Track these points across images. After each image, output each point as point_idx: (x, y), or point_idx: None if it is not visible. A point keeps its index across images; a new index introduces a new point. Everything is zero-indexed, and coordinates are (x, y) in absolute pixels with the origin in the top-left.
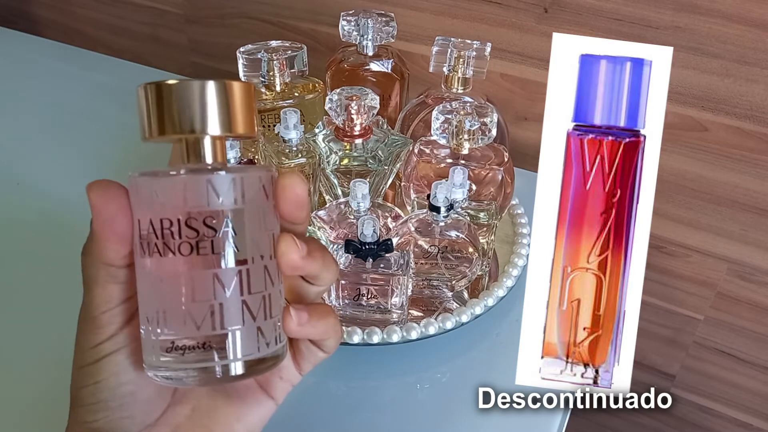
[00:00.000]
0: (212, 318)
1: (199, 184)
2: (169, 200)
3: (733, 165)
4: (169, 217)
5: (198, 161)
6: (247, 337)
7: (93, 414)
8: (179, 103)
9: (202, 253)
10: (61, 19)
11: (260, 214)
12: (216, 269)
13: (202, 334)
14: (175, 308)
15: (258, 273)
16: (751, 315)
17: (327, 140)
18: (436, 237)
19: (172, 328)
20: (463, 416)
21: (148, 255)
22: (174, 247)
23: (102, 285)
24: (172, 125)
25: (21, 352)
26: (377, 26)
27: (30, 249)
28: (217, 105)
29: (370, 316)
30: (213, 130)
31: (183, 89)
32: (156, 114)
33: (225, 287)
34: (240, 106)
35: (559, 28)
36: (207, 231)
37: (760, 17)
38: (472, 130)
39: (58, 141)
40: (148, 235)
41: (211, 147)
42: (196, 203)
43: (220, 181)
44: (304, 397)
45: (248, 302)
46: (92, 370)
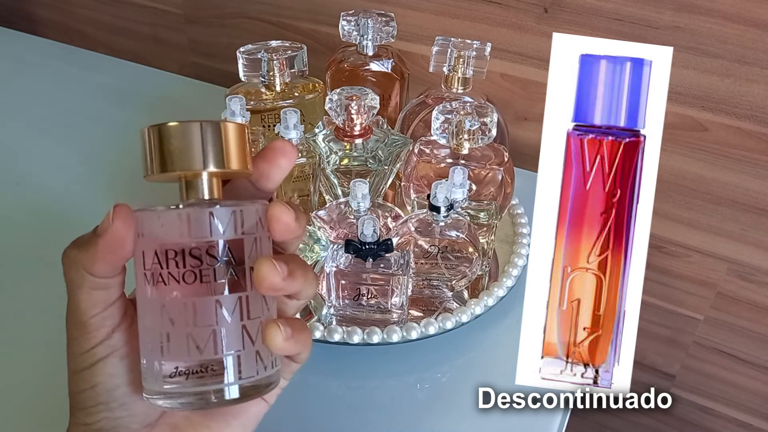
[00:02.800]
0: (214, 342)
1: (202, 216)
2: (173, 232)
3: (733, 165)
4: (173, 248)
5: (196, 196)
6: (247, 360)
7: (94, 416)
8: (179, 144)
9: (205, 281)
10: (61, 19)
11: (257, 243)
12: (218, 296)
13: (204, 359)
14: (178, 333)
15: (256, 299)
16: (751, 315)
17: (327, 140)
18: (436, 237)
19: (176, 353)
20: (463, 416)
21: (152, 284)
22: (178, 276)
23: (87, 291)
24: (173, 163)
25: (21, 352)
26: (377, 26)
27: (30, 249)
28: (212, 144)
29: (370, 316)
30: (210, 167)
31: (183, 131)
32: (158, 154)
33: (226, 313)
34: (234, 145)
35: (559, 28)
36: (209, 260)
37: (760, 17)
38: (472, 130)
39: (58, 141)
40: (153, 266)
41: (208, 183)
42: (199, 234)
43: (222, 214)
44: (304, 397)
45: (247, 327)
46: (87, 375)
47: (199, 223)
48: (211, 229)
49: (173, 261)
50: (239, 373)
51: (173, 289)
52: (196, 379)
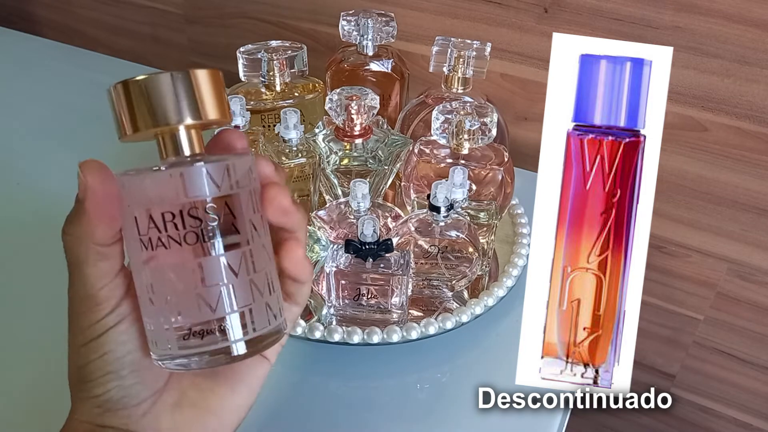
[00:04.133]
0: (226, 299)
1: (197, 174)
2: (168, 193)
3: (733, 165)
4: (170, 210)
5: (177, 153)
6: (258, 313)
7: (103, 386)
8: (150, 98)
9: (208, 239)
10: (61, 19)
11: (252, 196)
12: (223, 253)
13: (217, 316)
14: (187, 295)
15: (259, 252)
16: (751, 315)
17: (327, 140)
18: (436, 237)
19: (187, 315)
20: (463, 416)
21: (151, 249)
22: (179, 238)
23: (92, 264)
24: (145, 121)
25: (21, 352)
26: (377, 26)
27: (30, 249)
28: (185, 95)
29: (370, 316)
30: (187, 120)
31: (151, 84)
32: (128, 112)
33: (233, 269)
34: (210, 93)
35: (559, 28)
36: (209, 218)
37: (760, 17)
38: (472, 130)
39: (58, 141)
40: (149, 231)
41: (187, 137)
42: (196, 192)
43: (216, 170)
44: (304, 397)
45: (255, 280)
46: (96, 345)
47: (194, 181)
48: (206, 186)
49: (171, 224)
50: (253, 325)
51: (175, 251)
52: (210, 337)
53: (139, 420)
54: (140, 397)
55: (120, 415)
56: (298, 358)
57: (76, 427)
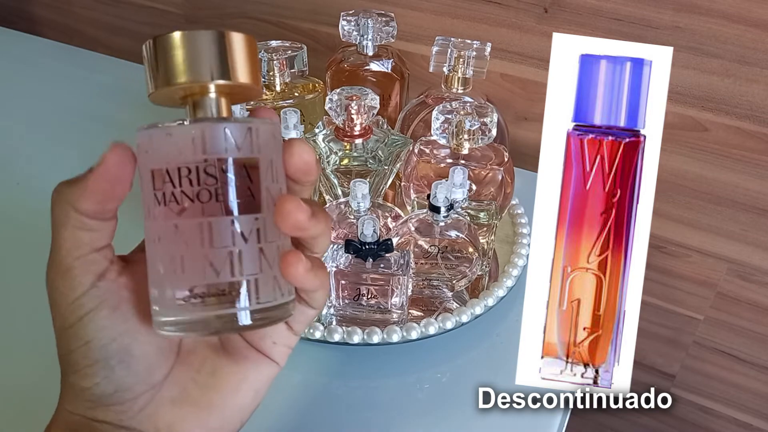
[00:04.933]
0: (232, 264)
1: (217, 132)
2: (187, 148)
3: (733, 165)
4: (187, 165)
5: (205, 114)
6: (264, 284)
7: (92, 377)
8: (184, 53)
9: (221, 200)
10: (61, 19)
11: (273, 165)
12: (235, 216)
13: (221, 281)
14: (194, 255)
15: (272, 223)
16: (751, 315)
17: (327, 140)
18: (436, 237)
19: (191, 276)
20: (463, 416)
21: (164, 204)
22: (192, 195)
23: (70, 229)
24: (177, 75)
25: (21, 352)
26: (377, 26)
27: (30, 249)
28: (218, 54)
29: (370, 316)
30: (217, 78)
31: (186, 39)
32: (162, 67)
33: (244, 234)
34: (243, 56)
35: (559, 28)
36: (225, 177)
37: (760, 17)
38: (472, 130)
39: (58, 141)
40: (164, 185)
41: (216, 99)
42: (214, 150)
43: (237, 129)
44: (304, 397)
45: (264, 250)
46: (77, 331)
47: (214, 138)
48: (226, 145)
49: (187, 179)
50: (257, 297)
51: (187, 208)
52: (213, 301)
53: (136, 415)
54: (135, 391)
55: (114, 410)
56: (298, 358)
57: (67, 418)
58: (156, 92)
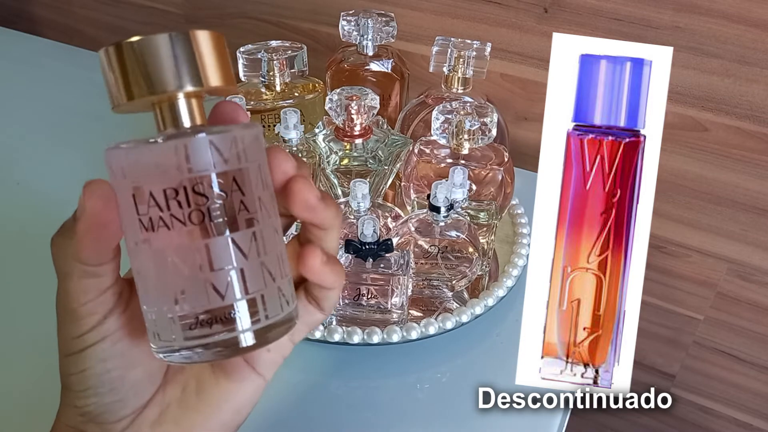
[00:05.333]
0: (236, 285)
1: (202, 146)
2: (171, 168)
3: (733, 165)
4: (173, 186)
5: (176, 125)
6: (270, 298)
7: (84, 399)
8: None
9: (215, 219)
10: (61, 19)
11: (261, 171)
12: (232, 233)
13: (227, 303)
14: (194, 282)
15: (269, 231)
16: (751, 315)
17: (327, 140)
18: (436, 237)
19: (194, 303)
20: (463, 416)
21: (152, 231)
22: (183, 217)
23: (77, 279)
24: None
25: (21, 353)
26: (377, 26)
27: (29, 249)
28: (185, 58)
29: (370, 316)
30: (186, 86)
31: (147, 45)
32: (122, 78)
33: (243, 250)
34: (212, 57)
35: (559, 28)
36: (216, 194)
37: (760, 17)
38: (472, 130)
39: (58, 141)
40: (149, 210)
41: (187, 107)
42: (201, 166)
43: (222, 141)
44: (304, 397)
45: (266, 263)
46: (77, 360)
47: (199, 154)
48: (213, 159)
49: (174, 201)
50: (265, 312)
51: (179, 232)
52: (218, 326)
53: None
54: (119, 415)
55: (102, 428)
56: (298, 358)
57: (62, 429)
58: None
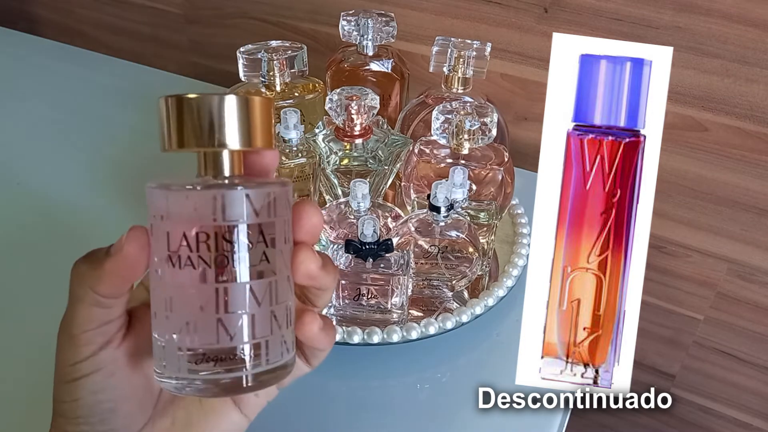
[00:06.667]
0: (246, 328)
1: (238, 198)
2: (207, 214)
3: (733, 165)
4: (206, 231)
5: (216, 174)
6: (274, 344)
7: (74, 426)
8: (200, 117)
9: (238, 266)
10: (61, 19)
11: (286, 226)
12: (250, 281)
13: (235, 345)
14: (207, 319)
15: (283, 282)
16: (751, 315)
17: (327, 140)
18: (436, 237)
19: (204, 339)
20: (463, 416)
21: (179, 267)
22: (210, 260)
23: (87, 306)
24: (193, 138)
25: (21, 353)
26: (377, 26)
27: (30, 249)
28: (237, 119)
29: (370, 316)
30: (233, 144)
31: (204, 103)
32: (176, 126)
33: (257, 298)
34: (259, 120)
35: (559, 28)
36: (243, 244)
37: (760, 17)
38: (472, 130)
39: (58, 141)
40: (180, 249)
41: (229, 160)
42: (234, 216)
43: (258, 195)
44: (304, 397)
45: (275, 312)
46: (71, 388)
47: (234, 205)
48: (246, 211)
49: (204, 244)
50: (267, 357)
51: (203, 272)
52: (222, 364)
53: None
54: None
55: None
56: None
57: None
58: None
